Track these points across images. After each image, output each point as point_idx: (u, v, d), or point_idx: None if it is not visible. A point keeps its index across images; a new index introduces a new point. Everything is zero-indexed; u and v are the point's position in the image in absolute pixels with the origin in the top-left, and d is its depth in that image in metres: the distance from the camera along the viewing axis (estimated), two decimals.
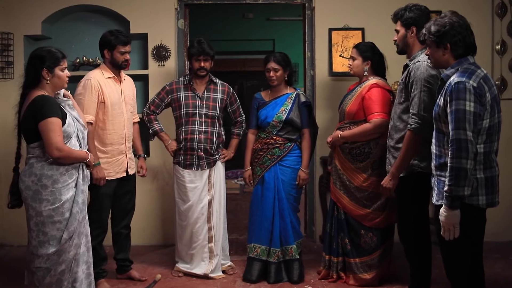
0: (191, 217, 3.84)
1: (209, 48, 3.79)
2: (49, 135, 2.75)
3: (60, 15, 4.74)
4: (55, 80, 2.88)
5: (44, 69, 2.83)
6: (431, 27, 2.53)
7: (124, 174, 3.64)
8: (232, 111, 4.06)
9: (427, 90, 2.91)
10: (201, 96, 3.85)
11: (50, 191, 2.79)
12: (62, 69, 2.90)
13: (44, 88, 2.85)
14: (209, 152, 3.83)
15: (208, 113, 3.83)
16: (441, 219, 2.43)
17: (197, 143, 3.80)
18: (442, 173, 2.49)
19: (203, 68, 3.80)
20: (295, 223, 3.78)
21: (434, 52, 2.57)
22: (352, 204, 3.56)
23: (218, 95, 3.90)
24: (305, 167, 3.76)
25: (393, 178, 3.09)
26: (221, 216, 3.95)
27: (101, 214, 3.53)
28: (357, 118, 3.51)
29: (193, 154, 3.82)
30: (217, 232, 3.89)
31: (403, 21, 3.13)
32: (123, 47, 3.56)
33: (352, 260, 3.60)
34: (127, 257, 3.83)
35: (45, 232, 2.80)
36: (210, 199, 3.87)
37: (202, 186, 3.85)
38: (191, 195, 3.84)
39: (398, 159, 3.03)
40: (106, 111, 3.51)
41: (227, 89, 3.98)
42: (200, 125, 3.82)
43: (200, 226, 3.84)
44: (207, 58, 3.79)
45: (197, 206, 3.84)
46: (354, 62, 3.59)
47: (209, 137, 3.83)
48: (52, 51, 2.89)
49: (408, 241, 3.18)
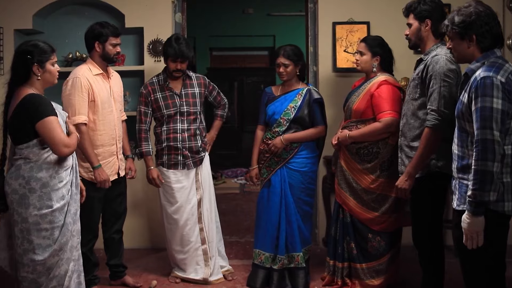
0: (180, 219, 3.66)
1: (187, 50, 3.57)
2: (53, 135, 2.60)
3: (53, 9, 4.60)
4: (47, 75, 2.72)
5: (35, 64, 2.67)
6: (454, 18, 2.35)
7: (116, 176, 3.48)
8: (213, 99, 3.91)
9: (447, 85, 2.78)
10: (180, 94, 3.68)
11: (38, 196, 2.62)
12: (52, 63, 2.74)
13: (33, 85, 2.70)
14: (194, 150, 3.67)
15: (190, 110, 3.67)
16: (464, 226, 2.25)
17: (181, 142, 3.64)
18: (465, 176, 2.32)
19: (180, 70, 3.62)
20: (303, 229, 3.61)
21: (458, 45, 2.39)
22: (359, 207, 3.40)
23: (196, 90, 3.73)
24: (285, 139, 3.51)
25: (409, 178, 2.93)
26: (213, 215, 3.78)
27: (92, 219, 3.36)
28: (364, 116, 3.35)
29: (178, 153, 3.65)
30: (210, 232, 3.73)
31: (417, 14, 2.99)
32: (115, 38, 3.40)
33: (359, 265, 3.44)
34: (121, 263, 3.67)
35: (30, 240, 2.62)
36: (199, 198, 3.71)
37: (189, 185, 3.69)
38: (179, 196, 3.67)
39: (415, 157, 2.88)
40: (97, 111, 3.34)
41: (203, 81, 3.81)
42: (182, 123, 3.66)
43: (191, 228, 3.67)
44: (184, 60, 3.60)
45: (186, 207, 3.67)
46: (362, 57, 3.42)
47: (192, 134, 3.67)
48: (40, 45, 2.72)
49: (424, 246, 3.03)
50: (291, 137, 3.53)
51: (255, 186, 3.77)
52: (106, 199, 3.47)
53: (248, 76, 8.83)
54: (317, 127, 3.60)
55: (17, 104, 2.63)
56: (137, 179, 4.31)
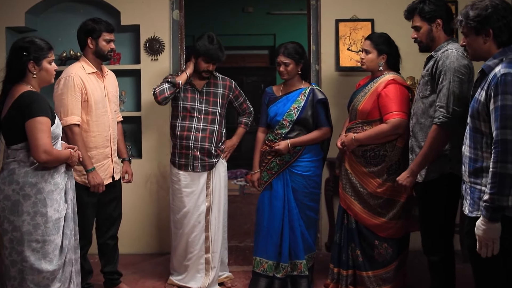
0: (187, 225, 3.54)
1: (222, 53, 3.48)
2: (37, 136, 2.46)
3: (46, 6, 4.48)
4: (43, 73, 2.61)
5: (31, 61, 2.56)
6: (469, 12, 2.22)
7: (110, 180, 3.34)
8: (239, 105, 3.76)
9: (458, 81, 2.67)
10: (201, 91, 3.54)
11: (33, 203, 2.49)
12: (49, 61, 2.64)
13: (29, 82, 2.59)
14: (205, 152, 3.52)
15: (208, 109, 3.53)
16: (478, 233, 2.12)
17: (193, 141, 3.50)
18: (478, 180, 2.19)
19: (209, 71, 3.52)
20: (306, 235, 3.47)
21: (473, 41, 2.26)
22: (365, 212, 3.27)
23: (219, 90, 3.60)
24: (292, 144, 3.38)
25: (411, 175, 2.84)
26: (220, 225, 3.64)
27: (85, 225, 3.20)
28: (371, 117, 3.22)
29: (188, 153, 3.52)
30: (215, 242, 3.59)
31: (425, 15, 2.87)
32: (109, 34, 3.27)
33: (364, 273, 3.30)
34: (115, 270, 3.53)
35: (19, 251, 2.48)
36: (208, 205, 3.57)
37: (199, 191, 3.54)
38: (187, 201, 3.53)
39: (420, 155, 2.78)
40: (90, 111, 3.20)
41: (229, 83, 3.67)
42: (198, 122, 3.51)
43: (197, 236, 3.54)
44: (216, 62, 3.51)
45: (193, 214, 3.54)
46: (368, 56, 3.29)
47: (207, 135, 3.52)
48: (37, 42, 2.61)
49: (435, 254, 2.90)
50: (297, 142, 3.41)
51: (258, 191, 3.62)
52: (100, 203, 3.33)
53: (248, 75, 8.77)
54: (322, 129, 3.47)
55: (13, 102, 2.52)
56: (140, 182, 4.30)
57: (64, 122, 3.03)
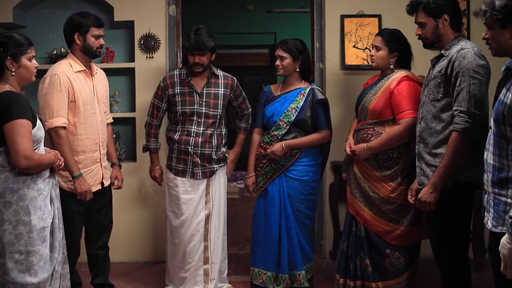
0: (185, 234, 3.36)
1: (207, 39, 3.25)
2: (16, 140, 2.31)
3: (35, 1, 4.32)
4: (22, 71, 2.47)
5: (8, 58, 2.42)
6: (494, 2, 2.02)
7: (99, 186, 3.14)
8: (238, 105, 3.58)
9: (477, 83, 2.51)
10: (200, 92, 3.35)
11: (14, 210, 2.33)
12: (29, 58, 2.49)
13: (8, 81, 2.45)
14: (206, 158, 3.34)
15: (208, 112, 3.34)
16: (503, 252, 1.91)
17: (192, 147, 3.32)
18: (503, 192, 1.99)
19: (199, 63, 3.29)
20: (304, 244, 3.31)
21: (498, 34, 2.05)
22: (376, 219, 3.08)
23: (220, 90, 3.40)
24: (287, 145, 3.22)
25: (434, 190, 2.64)
26: (220, 234, 3.46)
27: (72, 235, 3.01)
28: (383, 117, 3.05)
29: (187, 159, 3.34)
30: (215, 252, 3.41)
31: (430, 10, 2.71)
32: (98, 29, 3.07)
33: (374, 284, 3.11)
34: (107, 281, 3.35)
35: (1, 264, 2.32)
36: (207, 213, 3.40)
37: (198, 198, 3.36)
38: (185, 208, 3.35)
39: (442, 166, 2.59)
40: (77, 112, 3.01)
41: (231, 82, 3.47)
42: (198, 126, 3.33)
43: (195, 245, 3.36)
44: (203, 52, 3.27)
45: (192, 222, 3.35)
46: (378, 52, 3.12)
47: (207, 140, 3.34)
48: (15, 37, 2.47)
49: (449, 267, 2.73)
50: (292, 143, 3.23)
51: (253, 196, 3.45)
52: (89, 211, 3.14)
53: (248, 75, 8.65)
54: (321, 131, 3.30)
55: None
56: (134, 187, 4.17)
57: (49, 124, 2.86)
